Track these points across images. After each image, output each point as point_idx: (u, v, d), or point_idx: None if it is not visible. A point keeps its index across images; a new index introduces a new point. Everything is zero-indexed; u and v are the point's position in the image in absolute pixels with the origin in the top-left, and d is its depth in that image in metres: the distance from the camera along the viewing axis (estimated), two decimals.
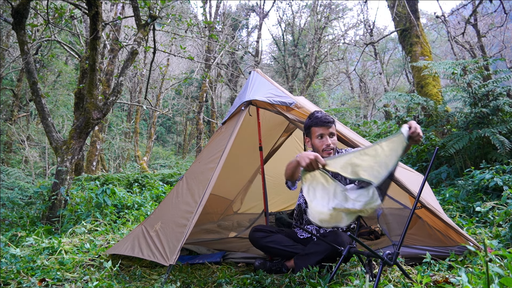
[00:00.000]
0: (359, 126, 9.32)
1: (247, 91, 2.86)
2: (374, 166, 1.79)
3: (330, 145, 2.35)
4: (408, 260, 2.27)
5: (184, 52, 7.56)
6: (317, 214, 1.90)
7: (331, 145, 2.35)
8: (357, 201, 1.84)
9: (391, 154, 1.79)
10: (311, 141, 2.43)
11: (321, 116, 2.37)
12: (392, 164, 1.78)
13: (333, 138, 2.38)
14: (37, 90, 4.65)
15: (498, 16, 12.33)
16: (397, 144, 1.81)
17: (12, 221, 4.60)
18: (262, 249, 2.46)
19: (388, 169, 1.77)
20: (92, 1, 4.32)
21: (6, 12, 7.55)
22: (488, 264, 1.20)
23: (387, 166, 1.78)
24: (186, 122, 25.06)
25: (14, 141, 12.95)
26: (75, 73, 15.17)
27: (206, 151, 2.99)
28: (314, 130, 2.38)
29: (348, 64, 22.46)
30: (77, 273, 2.44)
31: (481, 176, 3.62)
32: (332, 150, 2.36)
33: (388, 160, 1.78)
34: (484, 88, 4.55)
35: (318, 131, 2.36)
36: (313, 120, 2.39)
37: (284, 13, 26.43)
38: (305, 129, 2.47)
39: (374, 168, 1.79)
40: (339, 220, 1.87)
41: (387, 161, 1.78)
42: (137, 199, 4.98)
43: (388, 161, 1.78)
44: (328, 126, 2.36)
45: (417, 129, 1.82)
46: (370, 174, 1.79)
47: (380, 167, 1.78)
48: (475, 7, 9.62)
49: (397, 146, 1.81)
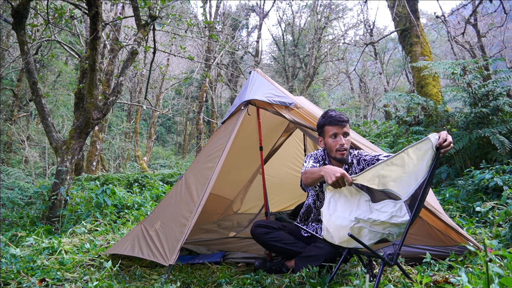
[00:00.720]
0: (359, 126, 9.32)
1: (247, 91, 2.86)
2: (403, 177, 1.70)
3: (344, 145, 2.27)
4: (408, 260, 2.27)
5: (184, 52, 7.56)
6: (337, 230, 1.79)
7: (345, 145, 2.27)
8: (382, 212, 1.75)
9: (419, 163, 1.69)
10: (324, 140, 2.34)
11: (335, 115, 2.29)
12: (421, 175, 1.67)
13: (347, 138, 2.30)
14: (37, 90, 4.65)
15: (498, 16, 12.34)
16: (424, 152, 1.69)
17: (12, 221, 4.60)
18: (263, 245, 2.44)
19: (418, 181, 1.68)
20: (92, 1, 4.32)
21: (6, 12, 7.55)
22: (488, 264, 1.20)
23: (417, 177, 1.68)
24: (186, 122, 25.06)
25: (14, 141, 12.95)
26: (75, 73, 15.17)
27: (205, 150, 2.99)
28: (328, 129, 2.30)
29: (348, 64, 22.45)
30: (77, 273, 2.44)
31: (481, 176, 3.62)
32: (345, 150, 2.28)
33: (417, 169, 1.68)
34: (484, 88, 4.55)
35: (332, 130, 2.28)
36: (327, 119, 2.30)
37: (284, 13, 26.45)
38: (318, 127, 2.39)
39: (403, 179, 1.70)
40: (360, 236, 1.76)
41: (416, 170, 1.68)
42: (137, 199, 4.98)
43: (417, 171, 1.68)
44: (343, 126, 2.27)
45: (447, 139, 1.70)
46: (399, 185, 1.70)
47: (409, 178, 1.69)
48: (475, 7, 9.62)
49: (424, 154, 1.69)
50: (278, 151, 4.36)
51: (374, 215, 1.75)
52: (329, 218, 1.84)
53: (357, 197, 1.85)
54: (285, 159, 4.53)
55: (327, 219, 1.85)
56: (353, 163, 2.35)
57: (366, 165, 2.29)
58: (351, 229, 1.76)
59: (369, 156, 2.31)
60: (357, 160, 2.34)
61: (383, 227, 1.76)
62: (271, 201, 4.37)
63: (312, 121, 2.65)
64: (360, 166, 2.32)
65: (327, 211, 1.87)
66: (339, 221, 1.80)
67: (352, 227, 1.77)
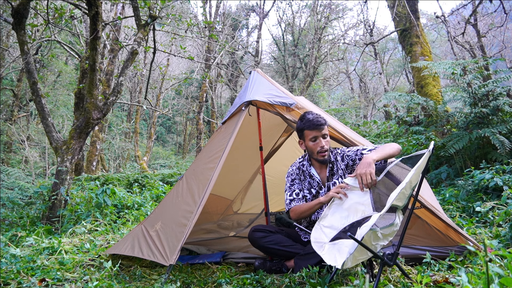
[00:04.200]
0: (359, 126, 9.33)
1: (248, 91, 2.86)
2: (405, 192, 1.72)
3: (324, 147, 2.36)
4: (408, 260, 2.27)
5: (184, 52, 7.56)
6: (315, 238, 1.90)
7: (325, 146, 2.36)
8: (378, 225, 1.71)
9: (417, 174, 1.74)
10: (305, 144, 2.43)
11: (312, 118, 2.36)
12: (415, 181, 1.73)
13: (326, 139, 2.40)
14: (37, 90, 4.65)
15: (498, 16, 12.33)
16: (422, 164, 1.75)
17: (12, 221, 4.60)
18: (261, 249, 2.45)
19: (412, 187, 1.74)
20: (92, 1, 4.32)
21: (6, 12, 7.55)
22: (488, 264, 1.20)
23: (411, 185, 1.73)
24: (186, 122, 25.06)
25: (14, 141, 12.95)
26: (75, 73, 15.17)
27: (206, 150, 2.99)
28: (307, 133, 2.38)
29: (348, 64, 22.45)
30: (77, 273, 2.44)
31: (481, 176, 3.62)
32: (326, 151, 2.37)
33: (413, 179, 1.72)
34: (484, 88, 4.54)
35: (311, 133, 2.37)
36: (305, 123, 2.38)
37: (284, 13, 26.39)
38: (297, 131, 2.47)
39: (404, 193, 1.72)
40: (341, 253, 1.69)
41: (412, 180, 1.72)
42: (137, 199, 4.98)
43: (413, 180, 1.72)
44: (321, 129, 2.35)
45: (366, 178, 1.98)
46: (398, 198, 1.70)
47: (406, 189, 1.72)
48: (475, 7, 9.62)
49: (422, 165, 1.75)
50: (278, 151, 4.35)
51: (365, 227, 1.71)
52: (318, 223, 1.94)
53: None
54: (285, 159, 4.53)
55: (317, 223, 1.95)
56: (337, 160, 2.44)
57: (350, 160, 2.40)
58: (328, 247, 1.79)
59: (352, 151, 2.41)
60: (341, 157, 2.44)
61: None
62: (271, 201, 4.37)
63: None
64: (344, 162, 2.42)
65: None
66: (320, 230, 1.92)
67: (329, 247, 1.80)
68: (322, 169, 2.46)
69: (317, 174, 2.45)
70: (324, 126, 2.37)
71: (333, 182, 2.40)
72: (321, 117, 2.37)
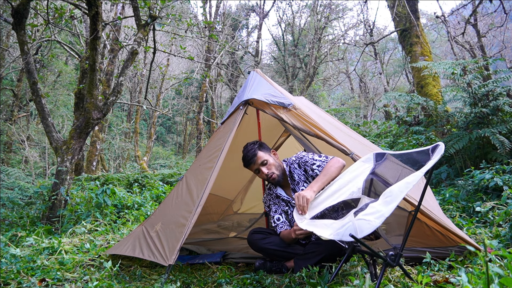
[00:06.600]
0: (359, 126, 9.33)
1: (246, 91, 2.85)
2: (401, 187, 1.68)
3: (268, 174, 2.45)
4: (408, 260, 2.27)
5: (184, 52, 7.56)
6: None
7: (269, 173, 2.44)
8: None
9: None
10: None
11: (244, 156, 2.49)
12: (412, 180, 1.67)
13: (267, 164, 2.46)
14: (37, 90, 4.65)
15: (498, 16, 12.34)
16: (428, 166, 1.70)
17: (12, 221, 4.60)
18: (260, 251, 2.46)
19: (408, 185, 1.68)
20: (92, 1, 4.32)
21: (6, 12, 7.55)
22: (488, 264, 1.20)
23: (407, 184, 1.67)
24: (186, 122, 25.06)
25: (14, 141, 12.95)
26: (75, 73, 15.17)
27: (205, 151, 2.99)
28: (249, 169, 2.52)
29: (348, 64, 22.45)
30: (77, 273, 2.44)
31: (481, 176, 3.62)
32: (273, 175, 2.45)
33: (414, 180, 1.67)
34: (484, 88, 4.54)
35: (252, 168, 2.50)
36: (243, 162, 2.52)
37: (284, 13, 26.39)
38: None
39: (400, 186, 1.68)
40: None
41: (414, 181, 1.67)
42: (137, 199, 4.98)
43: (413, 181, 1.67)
44: (254, 161, 2.45)
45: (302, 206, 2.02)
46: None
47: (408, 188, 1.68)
48: (475, 7, 9.62)
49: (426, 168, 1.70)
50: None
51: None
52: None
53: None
54: None
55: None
56: (295, 168, 2.50)
57: (305, 165, 2.44)
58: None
59: (309, 158, 2.46)
60: (297, 164, 2.50)
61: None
62: None
63: (308, 124, 2.59)
64: (301, 169, 2.48)
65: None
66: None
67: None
68: (285, 184, 2.54)
69: (284, 192, 2.52)
70: (255, 158, 2.45)
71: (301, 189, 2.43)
72: (250, 151, 2.46)
